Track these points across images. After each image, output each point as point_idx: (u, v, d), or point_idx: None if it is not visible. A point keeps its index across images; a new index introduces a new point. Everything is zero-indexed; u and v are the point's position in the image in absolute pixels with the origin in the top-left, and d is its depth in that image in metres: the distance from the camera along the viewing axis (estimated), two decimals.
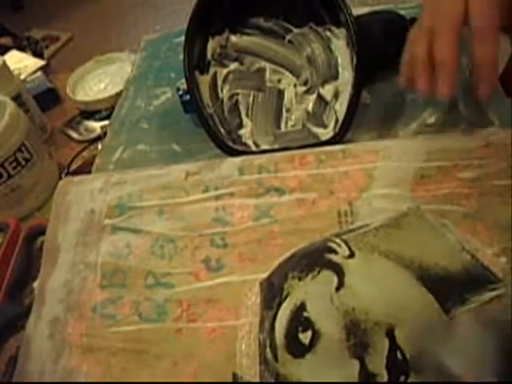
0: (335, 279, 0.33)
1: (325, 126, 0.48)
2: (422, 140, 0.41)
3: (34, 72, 0.85)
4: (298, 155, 0.43)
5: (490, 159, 0.38)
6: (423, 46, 0.40)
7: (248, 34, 0.54)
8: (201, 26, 0.51)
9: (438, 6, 0.40)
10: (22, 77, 0.82)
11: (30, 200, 0.59)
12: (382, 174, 0.40)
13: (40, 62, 0.90)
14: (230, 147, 0.47)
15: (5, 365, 0.43)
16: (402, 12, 0.53)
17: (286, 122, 0.50)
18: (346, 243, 0.36)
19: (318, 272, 0.34)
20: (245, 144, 0.49)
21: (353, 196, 0.39)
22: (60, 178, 0.61)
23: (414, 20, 0.52)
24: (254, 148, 0.48)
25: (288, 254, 0.37)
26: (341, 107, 0.48)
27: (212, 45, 0.53)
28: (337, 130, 0.46)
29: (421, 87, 0.40)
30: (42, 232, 0.45)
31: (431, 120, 0.47)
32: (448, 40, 0.38)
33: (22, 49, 1.36)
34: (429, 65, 0.39)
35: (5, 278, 0.48)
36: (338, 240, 0.36)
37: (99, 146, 0.65)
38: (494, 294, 0.32)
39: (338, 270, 0.34)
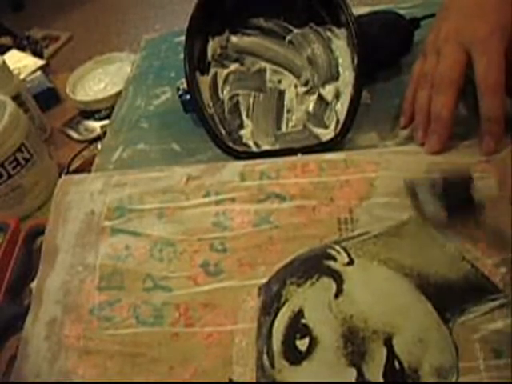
0: (334, 286, 0.33)
1: (326, 127, 0.48)
2: (422, 154, 0.41)
3: (34, 72, 0.85)
4: (300, 163, 0.42)
5: (491, 173, 0.38)
6: (424, 96, 0.42)
7: (248, 35, 0.53)
8: (201, 27, 0.51)
9: (441, 48, 0.41)
10: (22, 76, 0.82)
11: (29, 200, 0.59)
12: (382, 182, 0.39)
13: (40, 62, 0.90)
14: (230, 148, 0.47)
15: (5, 364, 0.43)
16: (402, 12, 0.53)
17: (287, 123, 0.49)
18: (346, 250, 0.35)
19: (317, 279, 0.34)
20: (245, 144, 0.49)
21: (353, 204, 0.39)
22: (60, 178, 0.61)
23: (413, 20, 0.52)
24: (254, 148, 0.48)
25: (287, 260, 0.37)
26: (342, 107, 0.48)
27: (212, 45, 0.53)
28: (338, 130, 0.46)
29: (417, 138, 0.42)
30: (42, 232, 0.44)
31: None
32: (445, 98, 0.40)
33: (21, 48, 1.36)
34: (427, 117, 0.42)
35: (5, 278, 0.47)
36: (337, 247, 0.36)
37: (99, 146, 0.65)
38: (494, 304, 0.31)
39: (337, 277, 0.34)
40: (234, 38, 0.53)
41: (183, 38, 0.50)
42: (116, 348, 0.36)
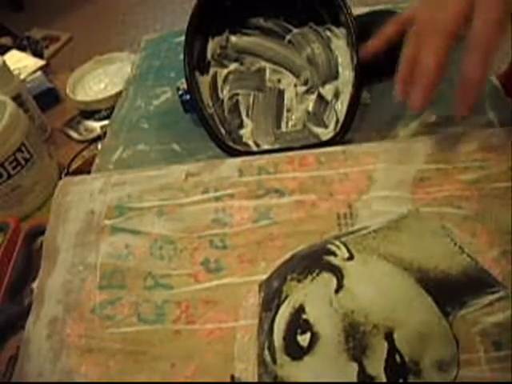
0: (334, 281, 0.33)
1: (325, 126, 0.48)
2: (421, 142, 0.41)
3: (34, 72, 0.85)
4: (298, 156, 0.42)
5: (491, 161, 0.38)
6: (412, 46, 0.38)
7: (248, 35, 0.54)
8: (201, 27, 0.51)
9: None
10: (22, 77, 0.82)
11: (29, 200, 0.59)
12: (381, 176, 0.39)
13: (40, 62, 0.90)
14: (230, 147, 0.47)
15: (5, 365, 0.43)
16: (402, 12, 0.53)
17: (287, 122, 0.50)
18: (346, 245, 0.36)
19: (317, 274, 0.34)
20: (245, 144, 0.49)
21: (352, 198, 0.39)
22: (60, 178, 0.61)
23: None
24: (254, 148, 0.48)
25: (287, 256, 0.37)
26: (341, 107, 0.48)
27: (212, 45, 0.53)
28: (337, 129, 0.46)
29: (396, 92, 0.39)
30: (42, 232, 0.45)
31: (431, 120, 0.47)
32: (434, 47, 0.36)
33: (22, 49, 1.36)
34: (410, 69, 0.38)
35: (5, 278, 0.48)
36: (337, 242, 0.36)
37: (99, 146, 0.65)
38: (493, 297, 0.32)
39: (337, 273, 0.34)
40: (233, 38, 0.53)
41: (183, 38, 0.50)
42: (118, 346, 0.36)
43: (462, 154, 0.39)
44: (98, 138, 0.68)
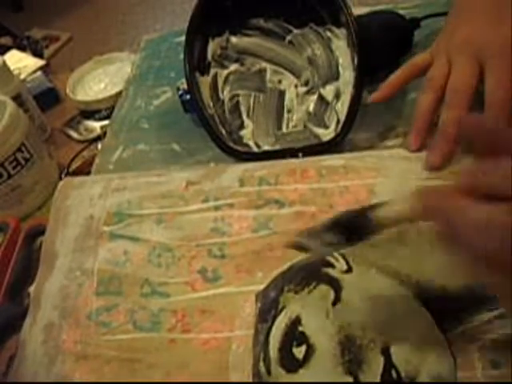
0: (332, 294, 0.33)
1: (326, 127, 0.48)
2: (423, 159, 0.40)
3: (34, 72, 0.85)
4: (300, 169, 0.42)
5: None
6: (427, 101, 0.40)
7: (248, 35, 0.53)
8: (201, 28, 0.51)
9: (453, 57, 0.40)
10: (22, 77, 0.82)
11: (30, 200, 0.59)
12: (382, 189, 0.39)
13: (40, 62, 0.90)
14: (230, 148, 0.47)
15: (5, 364, 0.43)
16: (402, 12, 0.53)
17: (287, 123, 0.49)
18: (344, 257, 0.35)
19: (315, 286, 0.34)
20: (246, 145, 0.49)
21: None
22: (60, 178, 0.61)
23: (413, 20, 0.52)
24: (255, 149, 0.48)
25: (285, 267, 0.36)
26: (342, 107, 0.48)
27: (212, 46, 0.53)
28: (338, 130, 0.45)
29: (409, 144, 0.41)
30: (42, 232, 0.44)
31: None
32: (455, 114, 0.38)
33: (22, 49, 1.36)
34: (427, 125, 0.40)
35: (5, 278, 0.47)
36: (336, 254, 0.35)
37: (99, 146, 0.65)
38: (493, 314, 0.31)
39: (335, 285, 0.33)
40: (233, 39, 0.53)
41: (183, 38, 0.50)
42: (113, 353, 0.35)
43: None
44: (98, 138, 0.68)
